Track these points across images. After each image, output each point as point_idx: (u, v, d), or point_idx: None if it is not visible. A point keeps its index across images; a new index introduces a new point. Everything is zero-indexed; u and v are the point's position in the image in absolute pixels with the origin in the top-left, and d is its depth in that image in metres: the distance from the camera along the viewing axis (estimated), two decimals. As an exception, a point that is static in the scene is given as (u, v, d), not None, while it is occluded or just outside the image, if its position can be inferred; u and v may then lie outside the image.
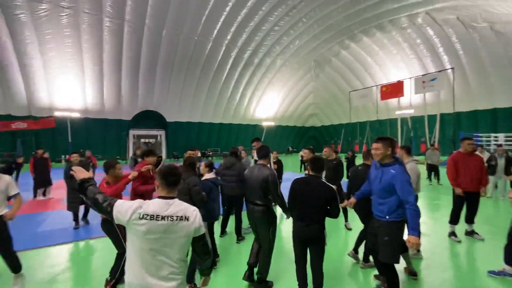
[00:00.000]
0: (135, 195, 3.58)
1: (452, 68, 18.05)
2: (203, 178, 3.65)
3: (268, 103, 29.64)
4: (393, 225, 2.50)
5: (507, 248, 3.17)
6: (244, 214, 4.55)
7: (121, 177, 3.19)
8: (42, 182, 8.10)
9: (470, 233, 4.55)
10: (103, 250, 4.22)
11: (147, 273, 1.50)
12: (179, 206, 1.59)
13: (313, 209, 2.57)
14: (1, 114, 17.74)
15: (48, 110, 18.91)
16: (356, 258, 3.64)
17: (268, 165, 3.13)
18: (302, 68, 27.91)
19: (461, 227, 4.55)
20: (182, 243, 1.58)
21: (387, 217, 2.51)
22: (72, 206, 5.23)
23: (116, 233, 2.98)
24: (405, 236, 2.42)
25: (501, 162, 7.06)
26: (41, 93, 18.32)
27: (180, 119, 24.81)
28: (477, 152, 7.40)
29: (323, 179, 2.72)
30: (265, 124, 30.65)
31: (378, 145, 2.54)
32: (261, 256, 3.01)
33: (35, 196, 8.11)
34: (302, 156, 8.05)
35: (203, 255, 1.71)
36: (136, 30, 17.92)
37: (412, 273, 3.22)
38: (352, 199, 3.01)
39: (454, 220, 4.49)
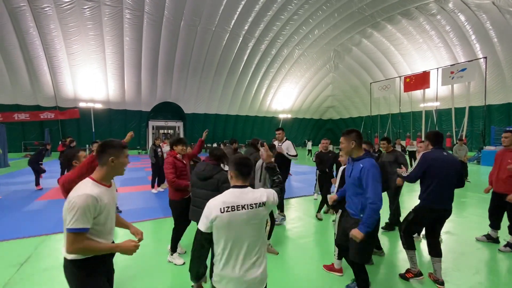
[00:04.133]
0: (175, 190, 3.33)
1: (484, 58, 16.81)
2: None
3: (285, 95, 29.21)
4: None
5: None
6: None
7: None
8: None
9: (507, 245, 3.81)
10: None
11: (238, 265, 1.51)
12: (255, 193, 1.60)
13: None
14: (31, 105, 18.73)
15: (73, 101, 19.73)
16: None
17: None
18: (321, 58, 27.12)
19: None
20: (261, 228, 1.60)
21: (361, 215, 2.34)
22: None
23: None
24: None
25: None
26: (67, 85, 19.10)
27: (197, 111, 25.08)
28: None
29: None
30: (281, 116, 30.32)
31: (341, 139, 2.46)
32: None
33: (61, 183, 8.54)
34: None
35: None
36: (155, 21, 18.09)
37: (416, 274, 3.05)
38: (334, 195, 2.84)
39: (490, 222, 4.09)
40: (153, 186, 7.71)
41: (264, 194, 1.61)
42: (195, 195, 2.87)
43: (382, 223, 4.34)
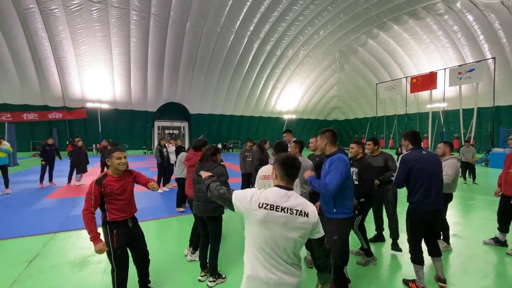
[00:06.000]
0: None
1: (493, 58, 16.54)
2: None
3: (290, 95, 29.14)
4: (342, 222, 2.39)
5: None
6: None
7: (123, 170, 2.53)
8: (80, 169, 8.61)
9: None
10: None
11: (267, 267, 1.41)
12: (298, 200, 1.48)
13: None
14: (39, 105, 19.05)
15: (80, 102, 20.00)
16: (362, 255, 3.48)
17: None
18: (326, 59, 27.00)
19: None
20: (297, 240, 1.43)
21: (335, 210, 2.39)
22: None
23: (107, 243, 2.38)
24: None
25: None
26: (74, 85, 19.36)
27: (202, 111, 25.19)
28: None
29: None
30: (286, 117, 30.27)
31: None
32: None
33: (69, 182, 8.66)
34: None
35: (323, 259, 1.52)
36: (161, 23, 18.24)
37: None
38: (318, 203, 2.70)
39: (499, 225, 4.01)
40: (158, 186, 7.79)
41: (309, 205, 1.47)
42: (197, 191, 3.02)
43: (370, 235, 4.05)
